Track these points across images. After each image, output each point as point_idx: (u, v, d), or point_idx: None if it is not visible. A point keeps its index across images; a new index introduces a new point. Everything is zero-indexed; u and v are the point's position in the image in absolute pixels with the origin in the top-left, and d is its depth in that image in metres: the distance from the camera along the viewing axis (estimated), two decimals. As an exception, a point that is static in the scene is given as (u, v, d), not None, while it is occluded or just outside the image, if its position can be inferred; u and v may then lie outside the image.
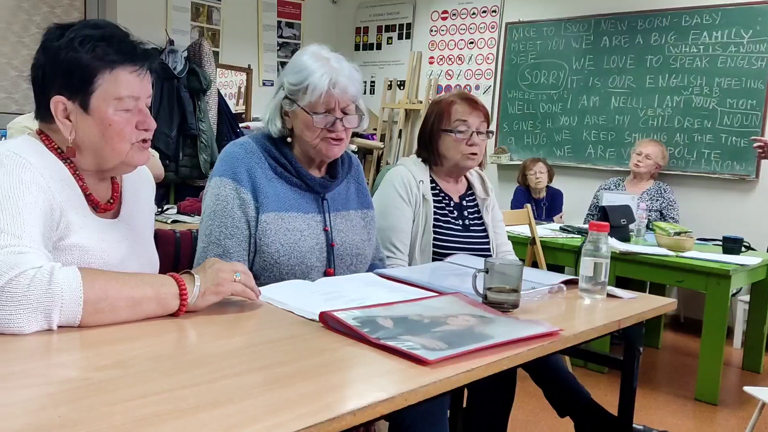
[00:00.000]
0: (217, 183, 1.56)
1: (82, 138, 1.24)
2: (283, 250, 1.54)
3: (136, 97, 1.25)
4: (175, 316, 1.13)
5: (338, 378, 0.91)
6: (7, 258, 1.01)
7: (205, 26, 5.58)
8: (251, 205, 1.54)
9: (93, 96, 1.21)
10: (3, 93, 4.99)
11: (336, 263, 1.63)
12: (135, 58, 1.24)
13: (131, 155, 1.28)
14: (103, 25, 1.25)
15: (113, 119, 1.23)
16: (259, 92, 5.94)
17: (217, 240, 1.53)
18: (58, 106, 1.22)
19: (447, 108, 2.06)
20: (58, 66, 1.20)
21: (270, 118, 1.62)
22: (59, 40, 1.20)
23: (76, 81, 1.20)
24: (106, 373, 0.87)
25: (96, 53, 1.20)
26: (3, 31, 5.01)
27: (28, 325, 0.98)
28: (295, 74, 1.57)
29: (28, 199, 1.12)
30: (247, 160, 1.57)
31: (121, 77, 1.22)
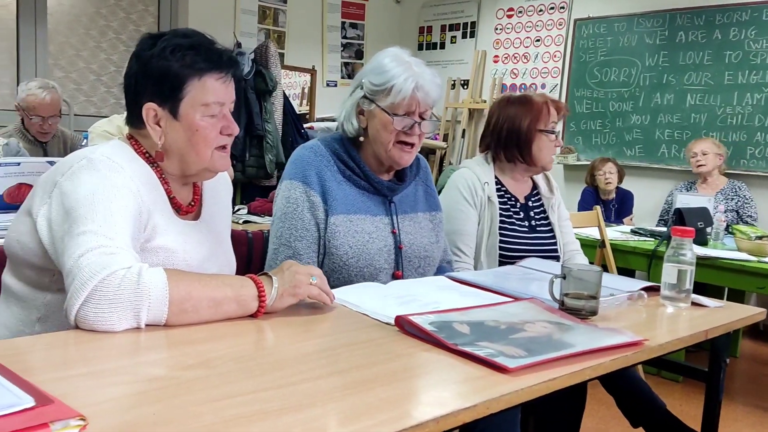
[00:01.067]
0: (287, 186, 1.59)
1: (170, 143, 1.28)
2: (352, 252, 1.55)
3: (222, 103, 1.29)
4: (254, 317, 1.15)
5: (417, 384, 0.91)
6: (99, 258, 1.05)
7: (271, 28, 5.69)
8: (320, 207, 1.55)
9: (182, 102, 1.25)
10: (82, 96, 5.23)
11: (404, 266, 1.63)
12: (221, 66, 1.28)
13: (213, 161, 1.32)
14: (191, 35, 1.29)
15: (200, 125, 1.27)
16: (322, 93, 6.01)
17: (288, 242, 1.55)
18: (149, 113, 1.26)
19: (544, 108, 2.02)
20: (150, 74, 1.25)
21: (346, 117, 1.63)
22: (151, 49, 1.25)
23: (167, 88, 1.25)
24: (192, 373, 0.89)
25: (185, 61, 1.24)
26: (82, 37, 5.25)
27: (119, 323, 1.02)
28: (377, 75, 1.57)
29: (120, 202, 1.16)
30: (316, 163, 1.59)
31: (208, 84, 1.26)
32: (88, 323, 1.01)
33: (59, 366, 0.92)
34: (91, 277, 1.02)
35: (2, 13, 4.83)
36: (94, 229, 1.10)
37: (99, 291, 1.02)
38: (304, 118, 5.84)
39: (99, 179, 1.17)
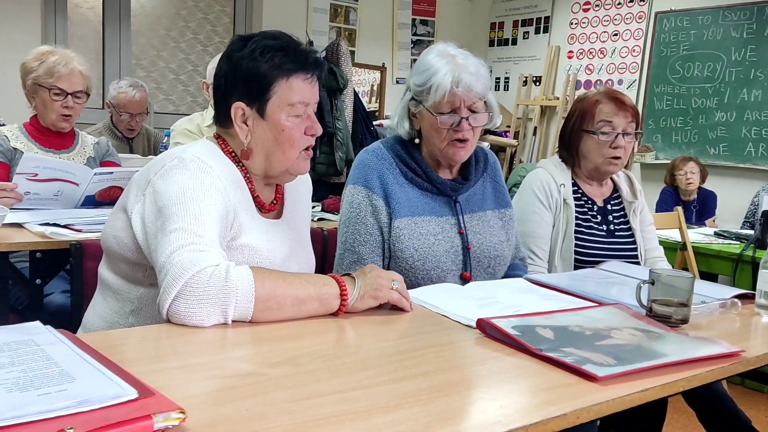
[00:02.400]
0: (351, 191, 1.59)
1: (256, 142, 1.32)
2: (417, 255, 1.54)
3: (306, 103, 1.31)
4: (334, 315, 1.17)
5: (504, 389, 0.89)
6: (189, 255, 1.09)
7: (342, 26, 5.74)
8: (383, 211, 1.55)
9: (269, 102, 1.28)
10: (162, 95, 5.43)
11: (472, 266, 1.61)
12: (307, 67, 1.30)
13: (296, 164, 1.34)
14: (279, 36, 1.32)
15: (285, 124, 1.29)
16: (392, 90, 6.02)
17: (352, 247, 1.55)
18: (237, 112, 1.30)
19: (591, 107, 1.95)
20: (239, 75, 1.28)
21: (399, 120, 1.62)
22: (241, 50, 1.29)
23: (255, 88, 1.28)
24: (280, 370, 0.91)
25: (274, 62, 1.27)
26: (163, 38, 5.45)
27: (208, 319, 1.05)
28: (419, 74, 1.55)
29: (208, 200, 1.20)
30: (378, 166, 1.58)
31: (294, 85, 1.28)
32: (180, 318, 1.05)
33: (153, 358, 0.96)
34: (181, 273, 1.06)
35: (90, 15, 5.08)
36: (185, 227, 1.14)
37: (189, 287, 1.05)
38: (373, 115, 5.87)
39: (189, 178, 1.21)
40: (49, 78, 2.22)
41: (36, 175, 1.99)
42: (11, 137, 2.25)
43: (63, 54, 2.27)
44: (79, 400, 0.69)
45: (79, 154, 2.37)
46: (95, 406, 0.69)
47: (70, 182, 2.07)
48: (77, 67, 2.28)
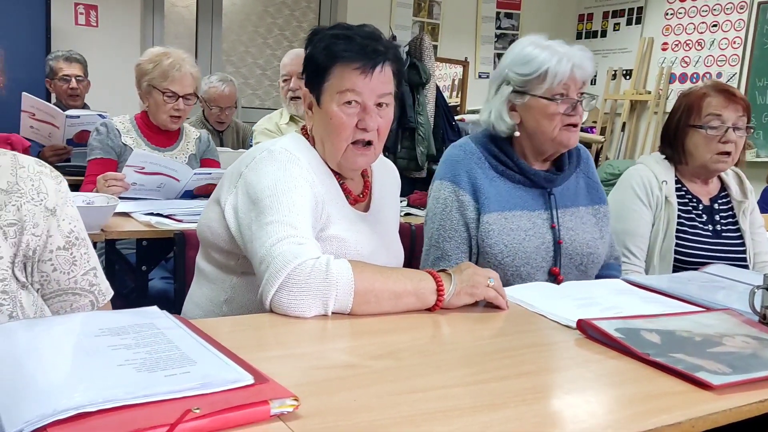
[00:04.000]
0: (437, 186, 1.58)
1: (316, 130, 1.36)
2: (507, 251, 1.51)
3: (357, 93, 1.29)
4: (430, 311, 1.17)
5: (612, 394, 0.87)
6: (290, 248, 1.12)
7: (426, 21, 5.73)
8: (471, 206, 1.53)
9: (324, 90, 1.31)
10: (249, 90, 5.60)
11: (563, 262, 1.57)
12: (359, 56, 1.28)
13: (347, 156, 1.33)
14: (350, 28, 1.32)
15: (334, 113, 1.30)
16: (474, 85, 5.96)
17: (437, 243, 1.55)
18: (305, 98, 1.36)
19: (698, 101, 1.86)
20: (305, 62, 1.34)
21: (497, 117, 1.57)
22: (312, 39, 1.33)
23: (314, 76, 1.32)
24: (382, 363, 0.92)
25: (330, 51, 1.29)
26: (251, 34, 5.61)
27: (309, 310, 1.08)
28: (525, 64, 1.52)
29: (299, 192, 1.23)
30: (466, 161, 1.56)
31: (345, 73, 1.28)
32: (282, 308, 1.08)
33: (259, 346, 1.00)
34: (284, 265, 1.09)
35: (185, 13, 5.30)
36: (280, 219, 1.17)
37: (292, 279, 1.08)
38: (455, 110, 5.83)
39: (279, 170, 1.25)
40: (162, 81, 2.31)
41: (143, 168, 2.11)
42: (123, 131, 2.37)
43: (177, 57, 2.35)
44: (202, 383, 0.72)
45: (182, 152, 2.48)
46: (217, 389, 0.72)
47: (172, 177, 2.18)
48: (189, 70, 2.36)
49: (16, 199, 1.01)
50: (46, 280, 1.06)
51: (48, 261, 1.05)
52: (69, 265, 1.08)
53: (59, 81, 3.39)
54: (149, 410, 0.67)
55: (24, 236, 1.01)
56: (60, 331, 0.88)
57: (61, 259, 1.07)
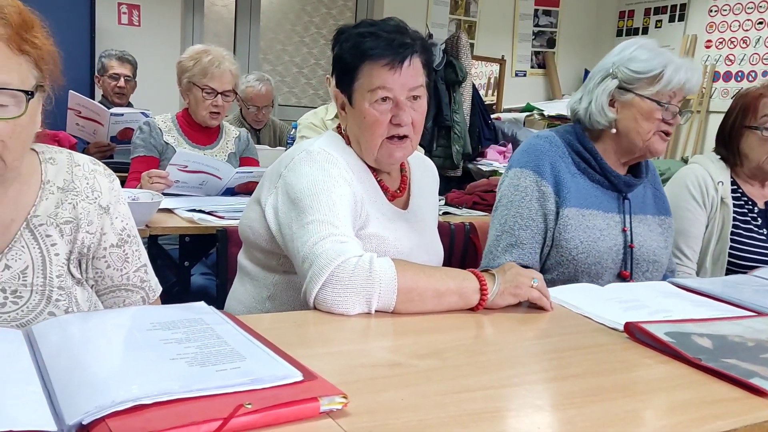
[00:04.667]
0: (516, 174, 1.56)
1: (350, 129, 1.36)
2: (582, 247, 1.50)
3: (389, 89, 1.28)
4: (473, 310, 1.16)
5: (663, 399, 0.85)
6: (333, 246, 1.12)
7: (462, 18, 5.69)
8: (551, 198, 1.51)
9: (355, 90, 1.31)
10: (286, 87, 5.65)
11: (632, 267, 1.55)
12: (386, 52, 1.27)
13: (382, 152, 1.34)
14: (376, 23, 1.31)
15: (367, 111, 1.30)
16: (511, 83, 5.91)
17: (511, 230, 1.52)
18: (337, 99, 1.35)
19: (754, 101, 1.82)
20: (334, 63, 1.34)
21: (598, 109, 1.53)
22: (339, 38, 1.33)
23: (344, 75, 1.32)
24: (427, 362, 0.92)
25: (355, 50, 1.28)
26: (288, 33, 5.66)
27: (353, 308, 1.09)
28: (639, 62, 1.49)
29: (338, 191, 1.24)
30: (551, 153, 1.55)
31: (373, 71, 1.28)
32: (326, 306, 1.09)
33: (304, 343, 1.00)
34: (328, 263, 1.09)
35: (224, 12, 5.37)
36: (321, 218, 1.17)
37: (335, 277, 1.08)
38: (490, 108, 5.79)
39: (318, 170, 1.25)
40: (202, 78, 2.36)
41: (186, 166, 2.15)
42: (164, 130, 2.42)
43: (216, 54, 2.40)
44: (252, 378, 0.73)
45: (222, 150, 2.52)
46: (267, 384, 0.73)
47: (215, 176, 2.21)
48: (228, 67, 2.41)
49: (72, 197, 1.04)
50: (100, 276, 1.09)
51: (102, 258, 1.08)
52: (121, 262, 1.10)
53: (108, 78, 3.47)
54: (202, 404, 0.68)
55: (79, 234, 1.04)
56: (113, 325, 0.90)
57: (114, 256, 1.09)
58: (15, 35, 0.89)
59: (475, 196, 2.49)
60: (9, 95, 0.89)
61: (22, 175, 1.00)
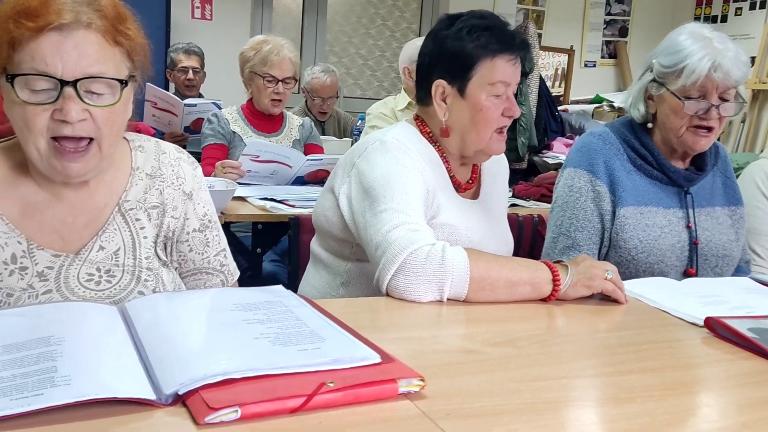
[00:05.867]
0: (570, 174, 1.54)
1: (453, 120, 1.35)
2: (642, 246, 1.46)
3: (507, 84, 1.31)
4: (545, 301, 1.16)
5: (745, 395, 0.83)
6: (406, 234, 1.14)
7: (530, 8, 5.59)
8: (607, 198, 1.49)
9: (470, 82, 1.31)
10: (351, 79, 5.70)
11: (699, 263, 1.50)
12: (513, 48, 1.30)
13: (490, 144, 1.35)
14: (487, 16, 1.33)
15: (484, 104, 1.31)
16: (580, 74, 5.76)
17: (567, 231, 1.51)
18: (438, 89, 1.34)
19: None
20: (444, 53, 1.32)
21: (633, 102, 1.54)
22: (448, 29, 1.32)
23: (458, 67, 1.31)
24: (501, 350, 0.92)
25: (479, 42, 1.29)
26: (354, 25, 5.70)
27: (425, 295, 1.10)
28: (669, 55, 1.45)
29: (411, 181, 1.25)
30: (605, 151, 1.52)
31: (498, 65, 1.29)
32: (399, 292, 1.11)
33: (376, 328, 1.02)
34: (401, 250, 1.11)
35: (292, 6, 5.46)
36: (394, 207, 1.19)
37: (408, 264, 1.10)
38: (558, 100, 5.67)
39: (391, 160, 1.27)
40: (263, 66, 2.45)
41: (258, 156, 2.22)
42: (231, 120, 2.52)
43: (275, 43, 2.48)
44: (333, 358, 0.76)
45: (286, 137, 2.59)
46: (347, 365, 0.75)
47: (285, 164, 2.27)
48: (287, 55, 2.48)
49: (159, 183, 1.10)
50: (183, 259, 1.14)
51: (185, 242, 1.13)
52: (203, 246, 1.15)
53: (178, 72, 3.60)
54: (287, 381, 0.71)
55: (165, 218, 1.09)
56: (199, 304, 0.95)
57: (196, 240, 1.14)
58: (111, 27, 0.95)
59: (543, 188, 2.46)
60: (105, 84, 0.94)
61: (115, 161, 1.06)
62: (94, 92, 0.93)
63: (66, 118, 0.90)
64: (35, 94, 0.90)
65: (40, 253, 0.99)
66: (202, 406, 0.65)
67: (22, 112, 0.91)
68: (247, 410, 0.65)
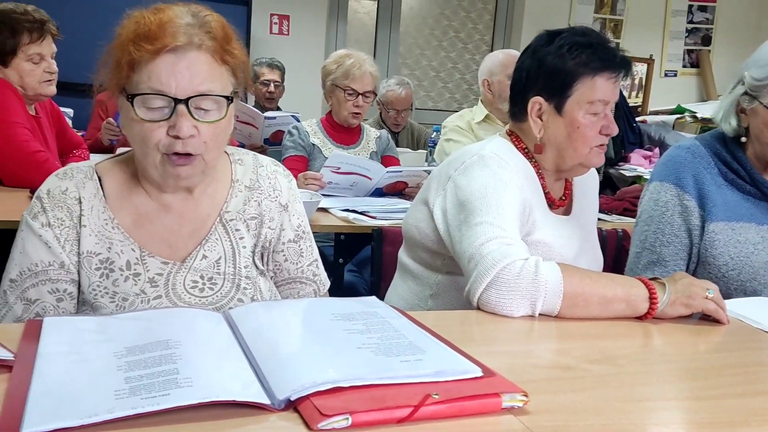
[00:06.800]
0: (656, 188, 1.50)
1: (549, 137, 1.33)
2: (733, 263, 1.40)
3: (606, 102, 1.30)
4: (640, 319, 1.13)
5: None
6: (499, 248, 1.14)
7: (608, 17, 5.48)
8: (695, 213, 1.44)
9: (569, 99, 1.29)
10: (423, 91, 5.73)
11: None
12: (614, 66, 1.29)
13: (589, 157, 1.34)
14: (588, 33, 1.32)
15: (582, 122, 1.29)
16: (659, 84, 5.59)
17: (652, 246, 1.47)
18: (534, 106, 1.33)
19: None
20: (544, 69, 1.31)
21: (724, 116, 1.48)
22: (548, 45, 1.31)
23: (557, 84, 1.29)
24: (600, 368, 0.91)
25: (581, 59, 1.27)
26: (427, 37, 5.73)
27: (517, 310, 1.09)
28: (761, 68, 1.39)
29: (509, 196, 1.24)
30: (694, 165, 1.47)
31: (598, 83, 1.28)
32: (490, 306, 1.10)
33: (467, 341, 1.00)
34: (493, 264, 1.11)
35: (365, 19, 5.55)
36: (490, 221, 1.19)
37: (501, 278, 1.10)
38: (635, 110, 5.51)
39: (489, 174, 1.27)
40: (344, 80, 2.50)
41: (339, 168, 2.27)
42: (311, 132, 2.58)
43: (357, 57, 2.54)
44: (436, 370, 0.76)
45: (364, 149, 2.63)
46: (449, 377, 0.76)
47: (365, 176, 2.31)
48: (368, 69, 2.53)
49: (257, 195, 1.14)
50: (278, 269, 1.18)
51: (280, 252, 1.17)
52: (297, 256, 1.19)
53: (260, 85, 3.72)
54: (392, 391, 0.72)
55: (263, 229, 1.13)
56: (298, 313, 0.98)
57: (291, 250, 1.18)
58: (219, 47, 1.00)
59: (626, 202, 2.40)
60: (212, 101, 0.99)
61: (217, 174, 1.11)
62: (203, 108, 0.98)
63: (179, 134, 0.95)
64: (151, 112, 0.96)
65: (151, 261, 1.04)
66: (315, 412, 0.67)
67: (140, 129, 0.96)
68: (358, 418, 0.67)
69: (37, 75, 1.99)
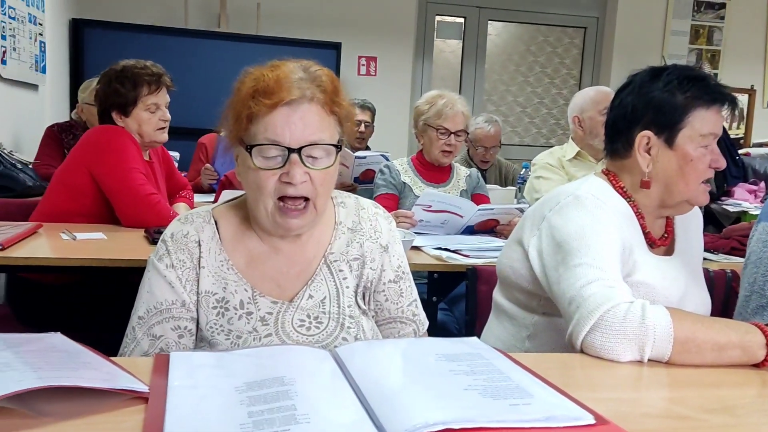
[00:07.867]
0: (765, 228, 1.42)
1: (657, 171, 1.31)
2: None
3: (716, 135, 1.28)
4: (757, 367, 1.07)
5: None
6: (601, 290, 1.12)
7: (704, 48, 5.30)
8: None
9: (681, 132, 1.27)
10: (509, 127, 5.71)
11: None
12: (724, 99, 1.27)
13: (697, 194, 1.30)
14: (693, 68, 1.31)
15: (693, 155, 1.27)
16: (762, 114, 5.34)
17: (761, 290, 1.38)
18: (642, 140, 1.31)
19: None
20: (653, 104, 1.29)
21: None
22: (654, 81, 1.30)
23: (668, 118, 1.28)
24: (719, 418, 0.87)
25: (693, 93, 1.26)
26: (512, 73, 5.74)
27: (624, 354, 1.06)
28: None
29: (607, 236, 1.22)
30: None
31: (710, 116, 1.27)
32: (595, 350, 1.08)
33: (572, 386, 0.98)
34: (596, 307, 1.09)
35: (450, 58, 5.62)
36: (589, 262, 1.17)
37: (605, 321, 1.07)
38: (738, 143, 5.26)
39: (586, 215, 1.25)
40: (437, 119, 2.55)
41: (430, 206, 2.29)
42: (401, 171, 2.63)
43: (450, 98, 2.59)
44: (547, 416, 0.76)
45: (454, 188, 2.65)
46: (561, 424, 0.75)
47: (456, 214, 2.32)
48: (461, 109, 2.57)
49: (359, 236, 1.18)
50: (379, 308, 1.21)
51: (381, 292, 1.20)
52: (397, 296, 1.21)
53: (351, 125, 3.84)
54: (503, 435, 0.72)
55: (365, 269, 1.17)
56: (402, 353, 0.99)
57: (391, 290, 1.20)
58: (329, 100, 1.06)
59: (733, 241, 2.28)
60: (322, 149, 1.05)
61: (323, 217, 1.16)
62: (314, 156, 1.04)
63: (292, 181, 1.01)
64: (267, 161, 1.02)
65: (262, 300, 1.10)
66: (427, 453, 0.68)
67: (255, 177, 1.03)
68: (470, 461, 0.68)
69: (153, 123, 2.15)
